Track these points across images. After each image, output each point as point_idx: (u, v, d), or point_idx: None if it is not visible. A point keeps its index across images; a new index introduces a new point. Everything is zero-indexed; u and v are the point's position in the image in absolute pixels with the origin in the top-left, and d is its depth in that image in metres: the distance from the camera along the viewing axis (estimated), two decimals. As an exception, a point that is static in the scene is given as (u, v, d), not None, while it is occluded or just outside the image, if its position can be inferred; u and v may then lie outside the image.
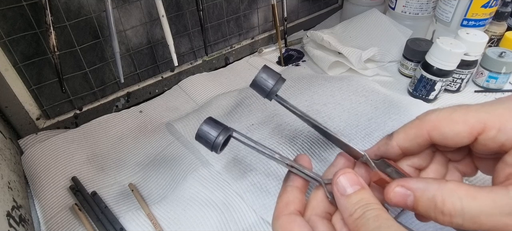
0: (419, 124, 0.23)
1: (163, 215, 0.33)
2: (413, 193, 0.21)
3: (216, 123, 0.28)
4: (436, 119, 0.22)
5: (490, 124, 0.20)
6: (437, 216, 0.19)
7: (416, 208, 0.21)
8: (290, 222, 0.23)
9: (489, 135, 0.20)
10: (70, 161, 0.40)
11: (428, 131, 0.22)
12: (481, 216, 0.18)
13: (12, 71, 0.39)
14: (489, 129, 0.20)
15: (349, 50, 0.52)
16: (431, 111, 0.23)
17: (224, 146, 0.28)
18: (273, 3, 0.56)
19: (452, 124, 0.21)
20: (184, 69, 0.56)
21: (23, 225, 0.32)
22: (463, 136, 0.21)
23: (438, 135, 0.22)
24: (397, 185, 0.22)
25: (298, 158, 0.28)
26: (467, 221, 0.18)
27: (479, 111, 0.20)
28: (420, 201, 0.20)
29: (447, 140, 0.22)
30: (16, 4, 0.36)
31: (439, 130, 0.22)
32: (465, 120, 0.21)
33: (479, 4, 0.49)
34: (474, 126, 0.20)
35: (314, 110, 0.42)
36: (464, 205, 0.18)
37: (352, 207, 0.21)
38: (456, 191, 0.19)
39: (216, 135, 0.27)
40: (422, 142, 0.23)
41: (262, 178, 0.34)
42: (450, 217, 0.19)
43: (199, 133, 0.27)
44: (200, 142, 0.28)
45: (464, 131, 0.21)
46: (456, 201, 0.18)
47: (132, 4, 0.45)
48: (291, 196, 0.25)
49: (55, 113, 0.46)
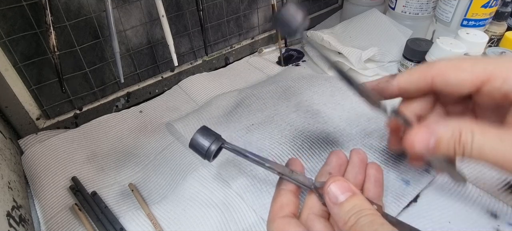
0: (425, 68, 0.23)
1: (163, 215, 0.33)
2: (436, 133, 0.22)
3: (209, 132, 0.29)
4: (444, 65, 0.22)
5: (496, 73, 0.20)
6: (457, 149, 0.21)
7: (437, 148, 0.22)
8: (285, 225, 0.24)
9: (495, 84, 0.20)
10: (70, 161, 0.40)
11: (432, 76, 0.23)
12: (485, 149, 0.20)
13: (12, 71, 0.39)
14: (495, 79, 0.20)
15: (349, 50, 0.52)
16: (438, 60, 0.23)
17: (217, 155, 0.29)
18: (273, 3, 0.56)
19: (458, 71, 0.22)
20: (184, 69, 0.56)
21: (23, 225, 0.32)
22: (467, 84, 0.21)
23: (442, 81, 0.22)
24: (419, 130, 0.22)
25: (289, 162, 0.28)
26: (475, 152, 0.20)
27: (487, 63, 0.21)
28: (443, 139, 0.21)
29: (450, 87, 0.22)
30: (16, 4, 0.36)
31: (444, 76, 0.22)
32: (472, 69, 0.21)
33: (479, 4, 0.49)
34: (480, 75, 0.21)
35: (314, 110, 0.42)
36: (474, 137, 0.20)
37: (346, 215, 0.21)
38: (471, 125, 0.21)
39: (208, 144, 0.28)
40: (423, 87, 0.23)
41: (263, 178, 0.34)
42: (464, 148, 0.21)
43: (192, 141, 0.28)
44: (193, 150, 0.29)
45: (469, 79, 0.21)
46: (468, 133, 0.21)
47: (132, 4, 0.45)
48: (285, 199, 0.26)
49: (55, 114, 0.46)
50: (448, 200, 0.32)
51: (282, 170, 0.27)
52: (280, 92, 0.47)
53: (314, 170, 0.35)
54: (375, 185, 0.28)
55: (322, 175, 0.28)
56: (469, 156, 0.21)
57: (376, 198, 0.27)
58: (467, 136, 0.21)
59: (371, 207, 0.22)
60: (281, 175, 0.27)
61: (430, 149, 0.22)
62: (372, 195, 0.27)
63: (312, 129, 0.39)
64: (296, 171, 0.27)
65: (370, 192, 0.28)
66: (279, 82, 0.49)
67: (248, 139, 0.39)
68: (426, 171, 0.34)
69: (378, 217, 0.21)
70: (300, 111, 0.42)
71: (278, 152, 0.37)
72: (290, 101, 0.44)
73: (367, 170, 0.29)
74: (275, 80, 0.50)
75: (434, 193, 0.33)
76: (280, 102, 0.44)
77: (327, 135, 0.38)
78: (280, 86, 0.48)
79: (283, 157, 0.36)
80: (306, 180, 0.26)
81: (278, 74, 0.56)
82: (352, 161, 0.29)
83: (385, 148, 0.36)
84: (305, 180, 0.26)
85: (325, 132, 0.39)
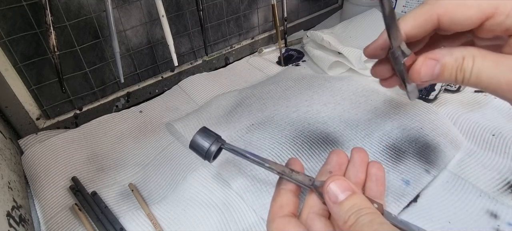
0: (430, 9, 0.23)
1: (163, 215, 0.33)
2: (441, 61, 0.23)
3: (209, 133, 0.29)
4: (450, 4, 0.22)
5: (501, 9, 0.21)
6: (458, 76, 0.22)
7: (441, 75, 0.23)
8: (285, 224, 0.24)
9: (497, 20, 0.21)
10: (70, 161, 0.40)
11: (439, 16, 0.23)
12: (482, 74, 0.21)
13: (12, 71, 0.39)
14: (499, 14, 0.21)
15: (349, 50, 0.52)
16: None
17: (217, 155, 0.29)
18: (273, 3, 0.56)
19: (465, 9, 0.22)
20: (184, 69, 0.56)
21: (23, 225, 0.32)
22: (473, 20, 0.22)
23: (448, 19, 0.23)
24: (425, 58, 0.23)
25: (289, 162, 0.28)
26: (473, 78, 0.22)
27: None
28: (447, 66, 0.23)
29: (456, 24, 0.22)
30: (16, 4, 0.36)
31: (451, 14, 0.22)
32: (479, 6, 0.21)
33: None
34: (486, 10, 0.21)
35: (314, 110, 0.42)
36: (474, 63, 0.22)
37: (345, 214, 0.21)
38: (473, 51, 0.22)
39: (209, 145, 0.28)
40: (430, 28, 0.24)
41: (263, 178, 0.34)
42: (464, 74, 0.22)
43: (192, 142, 0.29)
44: (193, 151, 0.29)
45: (475, 15, 0.21)
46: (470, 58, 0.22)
47: (132, 4, 0.45)
48: (284, 199, 0.26)
49: (55, 114, 0.46)
50: (448, 200, 0.32)
51: (282, 170, 0.27)
52: (280, 92, 0.47)
53: (314, 170, 0.35)
54: (376, 183, 0.28)
55: (323, 174, 0.28)
56: (467, 82, 0.22)
57: (377, 197, 0.27)
58: (468, 61, 0.22)
59: (371, 206, 0.22)
60: (281, 174, 0.27)
61: (435, 76, 0.23)
62: (374, 193, 0.27)
63: (312, 129, 0.39)
64: (296, 171, 0.27)
65: (372, 190, 0.28)
66: (279, 82, 0.49)
67: (248, 139, 0.39)
68: (426, 171, 0.34)
69: (378, 216, 0.21)
70: (300, 112, 0.42)
71: (278, 152, 0.37)
72: (290, 101, 0.44)
73: (369, 169, 0.29)
74: (275, 80, 0.50)
75: (434, 193, 0.33)
76: (280, 102, 0.44)
77: (327, 135, 0.38)
78: (280, 86, 0.48)
79: (283, 156, 0.36)
80: (306, 180, 0.26)
81: (278, 74, 0.56)
82: (353, 160, 0.29)
83: (385, 148, 0.36)
84: (305, 179, 0.26)
85: (325, 132, 0.39)
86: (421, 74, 0.24)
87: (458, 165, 0.35)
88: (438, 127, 0.38)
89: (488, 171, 0.34)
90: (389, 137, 0.37)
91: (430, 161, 0.35)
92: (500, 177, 0.33)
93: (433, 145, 0.36)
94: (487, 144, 0.37)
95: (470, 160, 0.36)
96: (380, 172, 0.28)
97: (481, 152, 0.36)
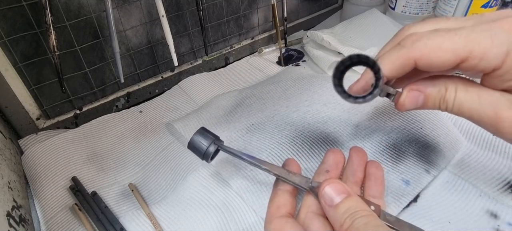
0: (407, 53, 0.23)
1: (163, 215, 0.33)
2: (425, 92, 0.24)
3: (207, 134, 0.29)
4: (425, 47, 0.23)
5: (475, 54, 0.21)
6: (441, 105, 0.24)
7: (425, 104, 0.25)
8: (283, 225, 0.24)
9: (472, 62, 0.22)
10: (70, 161, 0.40)
11: (416, 60, 0.23)
12: (464, 105, 0.23)
13: (12, 71, 0.39)
14: (472, 58, 0.21)
15: (349, 50, 0.52)
16: (416, 37, 0.23)
17: (215, 155, 0.30)
18: (273, 3, 0.56)
19: (441, 53, 0.22)
20: (184, 69, 0.56)
21: (23, 225, 0.32)
22: (449, 63, 0.22)
23: (424, 63, 0.23)
24: (409, 90, 0.25)
25: (286, 162, 0.28)
26: (455, 108, 0.23)
27: (467, 41, 0.21)
28: (430, 97, 0.24)
29: (433, 67, 0.23)
30: (16, 4, 0.36)
31: (427, 58, 0.23)
32: (453, 50, 0.22)
33: (479, 4, 0.49)
34: (460, 54, 0.22)
35: (314, 110, 0.42)
36: (456, 94, 0.23)
37: (341, 217, 0.22)
38: (455, 82, 0.24)
39: (206, 146, 0.29)
40: (408, 70, 0.24)
41: (262, 178, 0.34)
42: (447, 104, 0.24)
43: (190, 143, 0.29)
44: (192, 151, 0.29)
45: (451, 59, 0.22)
46: (452, 89, 0.23)
47: (132, 4, 0.45)
48: (282, 200, 0.26)
49: (55, 113, 0.46)
50: (448, 200, 0.32)
51: (279, 172, 0.27)
52: (280, 92, 0.47)
53: (314, 170, 0.35)
54: (375, 183, 0.28)
55: (320, 173, 0.28)
56: (450, 111, 0.24)
57: (377, 196, 0.27)
58: (451, 93, 0.23)
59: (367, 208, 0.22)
60: (277, 176, 0.27)
61: (419, 106, 0.25)
62: (373, 193, 0.27)
63: (312, 129, 0.39)
64: (293, 172, 0.27)
65: (371, 190, 0.28)
66: (279, 82, 0.49)
67: (248, 139, 0.39)
68: (426, 171, 0.34)
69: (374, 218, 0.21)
70: (300, 112, 0.42)
71: (278, 152, 0.37)
72: (290, 101, 0.44)
73: (367, 168, 0.29)
74: (275, 80, 0.50)
75: (434, 193, 0.33)
76: (280, 102, 0.44)
77: (327, 135, 0.38)
78: (280, 86, 0.48)
79: (283, 157, 0.36)
80: (303, 181, 0.26)
81: (278, 74, 0.55)
82: (351, 159, 0.29)
83: (385, 148, 0.36)
84: (302, 180, 0.26)
85: (325, 132, 0.39)
86: (405, 105, 0.25)
87: (458, 165, 0.35)
88: (438, 127, 0.38)
89: (488, 171, 0.34)
90: (389, 137, 0.37)
91: (430, 161, 0.35)
92: (500, 177, 0.33)
93: (433, 145, 0.36)
94: (487, 144, 0.37)
95: (470, 160, 0.36)
96: (379, 171, 0.28)
97: (481, 152, 0.36)
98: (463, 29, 0.22)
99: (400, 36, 0.25)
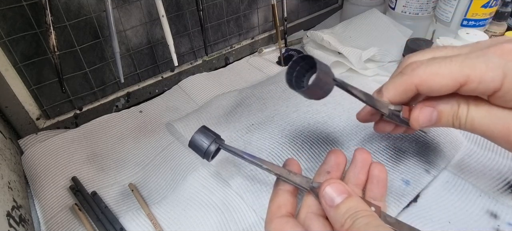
0: (408, 79, 0.25)
1: (163, 215, 0.33)
2: (438, 108, 0.25)
3: (208, 132, 0.29)
4: (424, 74, 0.24)
5: (472, 78, 0.22)
6: (454, 122, 0.25)
7: (439, 121, 0.26)
8: (283, 224, 0.24)
9: (471, 86, 0.23)
10: (70, 161, 0.40)
11: (416, 85, 0.25)
12: (475, 121, 0.24)
13: (12, 71, 0.39)
14: (471, 82, 0.23)
15: (349, 50, 0.52)
16: (416, 65, 0.25)
17: (216, 155, 0.30)
18: (273, 3, 0.56)
19: (439, 78, 0.23)
20: (184, 69, 0.56)
21: (23, 225, 0.32)
22: (448, 87, 0.23)
23: (425, 88, 0.24)
24: (422, 106, 0.26)
25: (287, 162, 0.28)
26: (468, 125, 0.24)
27: (463, 65, 0.23)
28: (443, 113, 0.25)
29: (433, 92, 0.24)
30: (16, 4, 0.36)
31: (427, 84, 0.24)
32: (451, 75, 0.23)
33: (479, 4, 0.49)
34: (458, 79, 0.23)
35: (314, 110, 0.42)
36: (469, 111, 0.24)
37: (342, 218, 0.22)
38: (468, 99, 0.24)
39: (208, 145, 0.29)
40: (411, 95, 0.26)
41: (262, 178, 0.34)
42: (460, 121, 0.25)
43: (191, 141, 0.29)
44: (193, 149, 0.29)
45: (450, 84, 0.23)
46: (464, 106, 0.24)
47: (132, 4, 0.45)
48: (282, 199, 0.26)
49: (55, 113, 0.46)
50: (448, 200, 0.32)
51: (279, 171, 0.27)
52: (280, 92, 0.47)
53: (314, 170, 0.35)
54: (377, 185, 0.28)
55: (320, 174, 0.28)
56: (463, 127, 0.25)
57: (378, 199, 0.27)
58: (463, 109, 0.24)
59: (368, 208, 0.22)
60: (278, 176, 0.27)
61: (433, 122, 0.26)
62: (374, 195, 0.27)
63: (312, 129, 0.39)
64: (293, 172, 0.27)
65: (372, 192, 0.27)
66: (279, 82, 0.49)
67: (248, 139, 0.39)
68: (426, 171, 0.34)
69: (375, 218, 0.21)
70: (300, 112, 0.42)
71: (278, 152, 0.37)
72: (290, 101, 0.44)
73: (371, 170, 0.28)
74: (275, 80, 0.50)
75: (434, 193, 0.33)
76: (280, 102, 0.44)
77: (327, 135, 0.38)
78: (280, 86, 0.48)
79: (283, 157, 0.36)
80: (303, 181, 0.26)
81: (278, 74, 0.55)
82: (355, 161, 0.29)
83: (385, 148, 0.36)
84: (303, 180, 0.26)
85: (325, 132, 0.39)
86: (419, 121, 0.26)
87: (458, 165, 0.35)
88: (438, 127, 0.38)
89: (488, 171, 0.34)
90: (389, 137, 0.37)
91: (430, 161, 0.35)
92: (500, 177, 0.33)
93: (433, 145, 0.36)
94: (487, 144, 0.37)
95: (470, 160, 0.36)
96: (382, 174, 0.28)
97: (481, 152, 0.36)
98: (459, 56, 0.23)
99: (402, 65, 0.27)
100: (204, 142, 0.28)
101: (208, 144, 0.28)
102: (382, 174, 0.28)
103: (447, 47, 0.26)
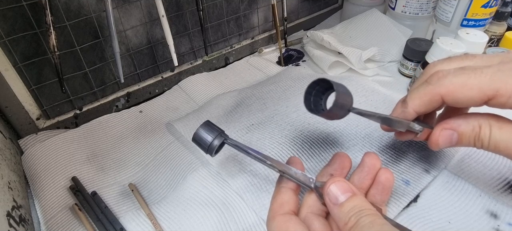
0: (433, 89, 0.24)
1: (163, 215, 0.33)
2: (458, 130, 0.25)
3: (212, 127, 0.29)
4: (451, 84, 0.23)
5: (502, 91, 0.21)
6: (476, 143, 0.24)
7: (460, 142, 0.25)
8: (286, 222, 0.24)
9: (500, 100, 0.22)
10: (70, 161, 0.40)
11: (442, 96, 0.24)
12: (500, 143, 0.23)
13: (12, 71, 0.39)
14: (500, 96, 0.22)
15: (349, 50, 0.52)
16: (442, 74, 0.24)
17: (219, 150, 0.29)
18: (273, 3, 0.56)
19: (466, 90, 0.22)
20: (184, 69, 0.56)
21: (23, 225, 0.32)
22: (475, 100, 0.22)
23: (452, 100, 0.23)
24: (442, 129, 0.25)
25: (290, 160, 0.28)
26: (491, 146, 0.23)
27: (493, 79, 0.22)
28: (464, 135, 0.24)
29: (459, 104, 0.23)
30: (16, 4, 0.36)
31: (453, 95, 0.23)
32: (479, 88, 0.22)
33: (479, 4, 0.49)
34: (487, 92, 0.22)
35: (314, 110, 0.42)
36: (491, 132, 0.23)
37: (346, 216, 0.21)
38: (489, 120, 0.24)
39: (212, 139, 0.28)
40: (436, 105, 0.25)
41: (262, 178, 0.34)
42: (482, 142, 0.24)
43: (195, 135, 0.28)
44: (196, 144, 0.29)
45: (477, 96, 0.22)
46: (487, 127, 0.24)
47: (132, 4, 0.45)
48: (285, 197, 0.26)
49: (55, 113, 0.46)
50: (448, 200, 0.32)
51: (283, 168, 0.27)
52: (280, 92, 0.47)
53: (314, 170, 0.35)
54: (382, 192, 0.27)
55: (324, 175, 0.28)
56: (486, 148, 0.24)
57: (378, 204, 0.27)
58: (486, 131, 0.23)
59: (372, 207, 0.22)
60: (282, 173, 0.27)
61: (453, 144, 0.25)
62: (376, 200, 0.27)
63: (312, 129, 0.39)
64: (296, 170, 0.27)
65: (375, 197, 0.27)
66: (279, 82, 0.49)
67: (248, 139, 0.39)
68: (426, 171, 0.34)
69: (379, 217, 0.21)
70: (300, 112, 0.42)
71: (278, 151, 0.37)
72: (290, 101, 0.44)
73: (378, 176, 0.28)
74: (275, 80, 0.50)
75: (434, 193, 0.33)
76: (280, 102, 0.44)
77: (327, 135, 0.38)
78: (280, 86, 0.48)
79: (283, 156, 0.36)
80: (306, 179, 0.26)
81: (278, 74, 0.55)
82: (363, 164, 0.28)
83: (385, 148, 0.36)
84: (306, 179, 0.26)
85: (326, 132, 0.39)
86: (439, 144, 0.25)
87: (458, 165, 0.35)
88: None
89: (488, 171, 0.34)
90: (389, 137, 0.37)
91: (430, 161, 0.35)
92: (500, 177, 0.33)
93: (433, 145, 0.36)
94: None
95: (470, 160, 0.36)
96: (388, 183, 0.27)
97: (481, 152, 0.36)
98: (490, 68, 0.22)
99: (427, 73, 0.26)
100: (209, 135, 0.28)
101: (212, 138, 0.28)
102: (388, 182, 0.27)
103: (476, 56, 0.25)
